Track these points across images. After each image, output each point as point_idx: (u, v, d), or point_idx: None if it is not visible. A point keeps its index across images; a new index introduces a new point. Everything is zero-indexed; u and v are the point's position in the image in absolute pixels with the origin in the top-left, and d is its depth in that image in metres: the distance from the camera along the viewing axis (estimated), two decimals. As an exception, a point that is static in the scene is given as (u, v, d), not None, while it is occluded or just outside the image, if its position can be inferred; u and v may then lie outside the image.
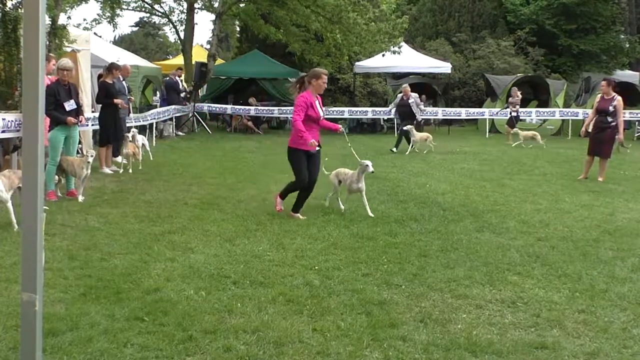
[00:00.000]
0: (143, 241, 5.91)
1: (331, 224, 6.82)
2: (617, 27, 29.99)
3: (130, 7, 23.89)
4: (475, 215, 7.44)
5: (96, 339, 3.62)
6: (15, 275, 4.59)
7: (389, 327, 3.95)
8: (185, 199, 8.16)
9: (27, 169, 2.32)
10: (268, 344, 3.64)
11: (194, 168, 11.16)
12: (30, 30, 2.24)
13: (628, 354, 3.67)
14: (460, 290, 4.70)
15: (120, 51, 19.27)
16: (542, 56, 27.94)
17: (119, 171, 10.45)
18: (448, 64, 23.74)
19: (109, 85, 10.55)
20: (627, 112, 20.45)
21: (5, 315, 3.92)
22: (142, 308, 4.13)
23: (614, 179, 10.71)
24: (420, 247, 5.96)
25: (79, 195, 7.89)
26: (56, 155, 7.95)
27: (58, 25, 10.36)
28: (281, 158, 13.19)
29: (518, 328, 4.02)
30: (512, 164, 12.82)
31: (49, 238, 5.78)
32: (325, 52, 20.94)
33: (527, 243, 6.19)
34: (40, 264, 2.34)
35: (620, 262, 5.59)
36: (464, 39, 28.78)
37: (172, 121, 17.63)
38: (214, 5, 22.73)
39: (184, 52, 21.74)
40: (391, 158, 13.53)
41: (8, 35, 9.09)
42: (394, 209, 7.78)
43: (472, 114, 22.13)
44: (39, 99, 2.28)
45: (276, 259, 5.43)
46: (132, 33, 58.27)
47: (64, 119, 7.99)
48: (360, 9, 18.59)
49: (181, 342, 3.63)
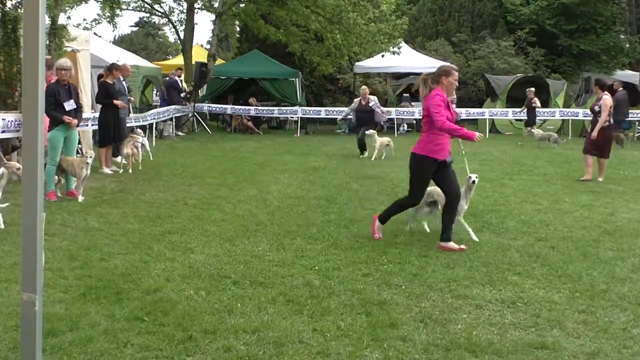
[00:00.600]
0: (143, 241, 5.91)
1: (331, 225, 6.82)
2: (617, 27, 30.02)
3: (130, 7, 23.91)
4: (475, 216, 7.44)
5: (96, 339, 3.62)
6: (15, 276, 4.59)
7: (389, 327, 3.95)
8: (185, 199, 8.16)
9: (27, 169, 2.32)
10: (268, 344, 3.64)
11: (193, 168, 11.15)
12: (30, 30, 2.24)
13: (628, 354, 3.67)
14: (460, 291, 4.70)
15: (120, 51, 19.27)
16: (542, 56, 27.97)
17: (119, 171, 10.45)
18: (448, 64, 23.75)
19: (109, 86, 10.55)
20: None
21: (5, 316, 3.92)
22: (142, 308, 4.13)
23: (614, 179, 10.71)
24: (420, 247, 5.96)
25: (79, 195, 7.89)
26: (56, 155, 7.94)
27: (58, 25, 10.36)
28: (281, 158, 13.27)
29: (518, 328, 4.02)
30: (512, 164, 12.82)
31: (49, 238, 5.78)
32: (325, 52, 20.95)
33: (527, 243, 6.19)
34: (40, 264, 2.34)
35: (620, 262, 5.59)
36: (464, 39, 28.81)
37: (172, 121, 17.63)
38: (214, 5, 22.74)
39: (184, 52, 21.74)
40: (391, 159, 13.52)
41: (8, 35, 9.09)
42: (394, 209, 7.76)
43: (472, 114, 22.13)
44: (39, 99, 2.27)
45: (276, 259, 5.42)
46: (132, 33, 58.30)
47: (64, 119, 7.97)
48: (360, 9, 18.60)
49: (181, 342, 3.62)
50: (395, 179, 10.35)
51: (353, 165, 12.16)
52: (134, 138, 10.75)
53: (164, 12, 24.59)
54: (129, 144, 10.60)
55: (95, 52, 13.58)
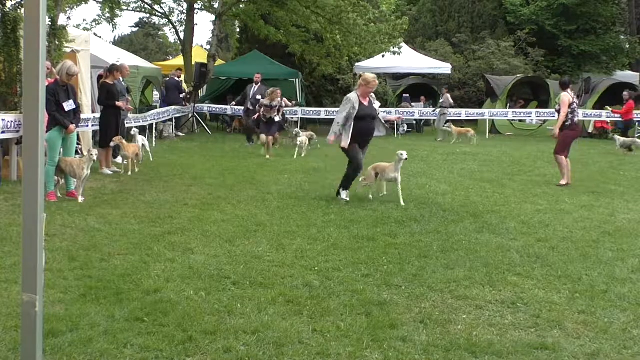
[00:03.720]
0: (143, 242, 5.90)
1: (331, 225, 6.82)
2: (617, 27, 29.99)
3: (130, 8, 23.92)
4: (476, 216, 7.44)
5: (96, 340, 3.62)
6: (16, 276, 4.59)
7: (389, 327, 3.95)
8: (185, 199, 8.16)
9: (27, 169, 2.32)
10: (268, 345, 3.64)
11: (193, 169, 11.15)
12: (31, 31, 2.24)
13: (628, 354, 3.67)
14: (460, 291, 4.70)
15: (120, 52, 19.28)
16: (542, 57, 27.94)
17: (120, 172, 10.45)
18: (448, 65, 23.75)
19: (111, 87, 10.55)
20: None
21: (6, 316, 3.92)
22: (142, 309, 4.13)
23: (614, 180, 10.72)
24: (421, 247, 5.96)
25: (79, 196, 7.88)
26: (54, 155, 7.93)
27: (58, 25, 10.36)
28: (281, 159, 13.25)
29: (518, 329, 4.02)
30: (512, 164, 12.83)
31: (49, 239, 5.77)
32: (325, 52, 20.95)
33: (527, 244, 6.19)
34: (40, 264, 2.34)
35: (621, 262, 5.59)
36: (464, 39, 28.80)
37: (172, 122, 17.62)
38: (214, 5, 22.75)
39: (184, 52, 21.75)
40: (391, 159, 13.50)
41: (8, 36, 9.09)
42: (394, 209, 7.78)
43: (472, 115, 22.14)
44: (39, 100, 2.28)
45: (276, 260, 5.42)
46: (132, 34, 58.24)
47: (66, 124, 7.96)
48: (360, 9, 18.60)
49: (181, 343, 3.62)
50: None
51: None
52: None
53: (164, 12, 24.61)
54: (132, 144, 10.53)
55: (95, 53, 13.57)
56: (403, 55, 21.08)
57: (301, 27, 20.78)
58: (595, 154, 15.19)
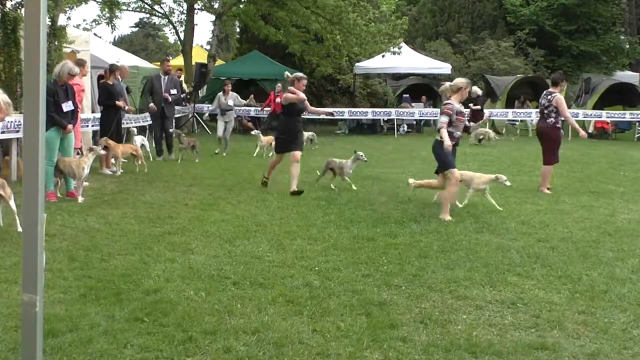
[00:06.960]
0: (143, 242, 5.90)
1: (331, 225, 6.82)
2: (617, 28, 30.02)
3: (130, 8, 23.93)
4: (475, 216, 7.44)
5: (96, 340, 3.62)
6: (16, 276, 4.59)
7: (389, 328, 3.95)
8: (185, 199, 8.16)
9: (27, 169, 2.32)
10: (268, 345, 3.64)
11: (193, 169, 11.15)
12: (31, 31, 2.24)
13: (628, 355, 3.67)
14: (460, 291, 4.70)
15: (120, 52, 19.28)
16: (542, 57, 27.97)
17: (119, 172, 10.44)
18: (448, 65, 23.75)
19: (111, 87, 10.56)
20: (627, 113, 20.50)
21: (6, 316, 3.92)
22: (142, 309, 4.13)
23: (614, 180, 10.72)
24: (420, 247, 5.96)
25: (79, 196, 7.88)
26: (53, 155, 7.92)
27: (58, 26, 10.37)
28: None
29: (518, 329, 4.02)
30: (512, 164, 12.83)
31: (48, 239, 5.77)
32: (325, 52, 20.96)
33: (527, 244, 6.19)
34: (40, 265, 2.34)
35: (621, 263, 5.59)
36: (464, 39, 28.82)
37: (172, 122, 17.58)
38: (214, 6, 22.76)
39: (184, 52, 21.77)
40: (391, 159, 13.52)
41: (8, 36, 9.10)
42: (394, 210, 7.78)
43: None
44: (40, 100, 2.28)
45: (276, 260, 5.42)
46: (132, 34, 58.25)
47: (64, 125, 7.95)
48: (360, 9, 18.61)
49: (181, 343, 3.62)
50: (395, 179, 10.34)
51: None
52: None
53: (164, 12, 24.63)
54: (130, 144, 10.55)
55: (95, 53, 13.58)
56: (403, 55, 21.09)
57: (301, 27, 20.79)
58: (595, 154, 15.19)
